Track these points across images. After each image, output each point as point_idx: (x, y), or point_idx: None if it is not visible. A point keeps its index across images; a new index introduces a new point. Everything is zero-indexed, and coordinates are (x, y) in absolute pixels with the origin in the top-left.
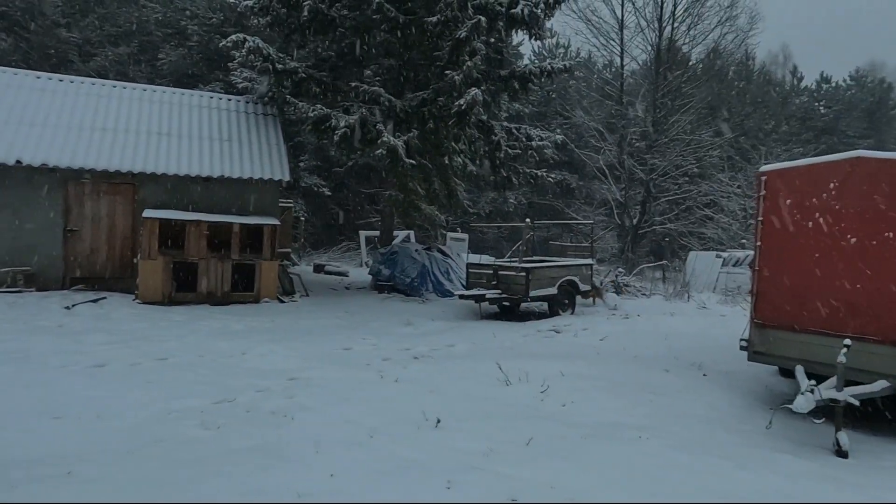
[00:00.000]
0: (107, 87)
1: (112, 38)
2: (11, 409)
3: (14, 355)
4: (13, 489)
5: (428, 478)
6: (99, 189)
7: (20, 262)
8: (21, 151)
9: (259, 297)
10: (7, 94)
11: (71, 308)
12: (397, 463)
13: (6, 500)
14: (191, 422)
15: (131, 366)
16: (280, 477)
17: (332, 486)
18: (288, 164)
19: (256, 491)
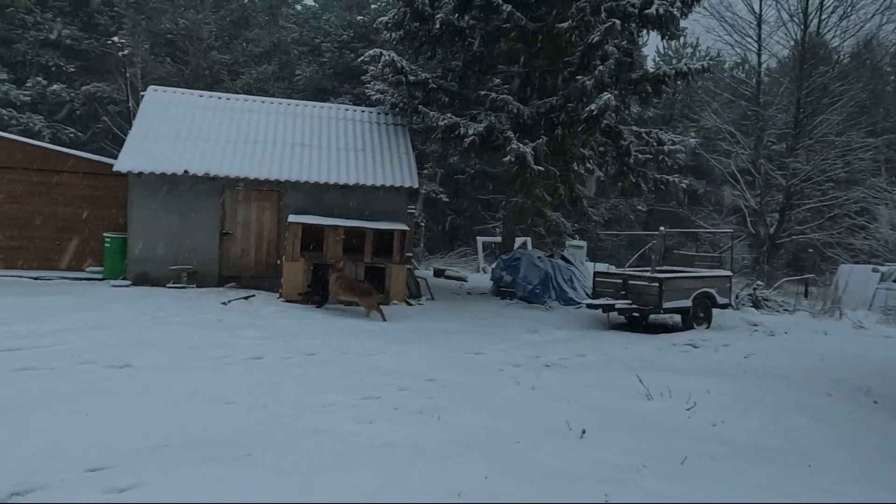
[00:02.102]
0: (256, 103)
1: (256, 57)
2: (186, 394)
3: (183, 346)
4: (205, 464)
5: (583, 489)
6: (250, 196)
7: (185, 261)
8: (188, 163)
9: (388, 299)
10: (174, 111)
11: (227, 304)
12: (547, 471)
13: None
14: (344, 415)
15: (284, 359)
16: (433, 474)
17: (488, 488)
18: (416, 172)
19: (408, 487)
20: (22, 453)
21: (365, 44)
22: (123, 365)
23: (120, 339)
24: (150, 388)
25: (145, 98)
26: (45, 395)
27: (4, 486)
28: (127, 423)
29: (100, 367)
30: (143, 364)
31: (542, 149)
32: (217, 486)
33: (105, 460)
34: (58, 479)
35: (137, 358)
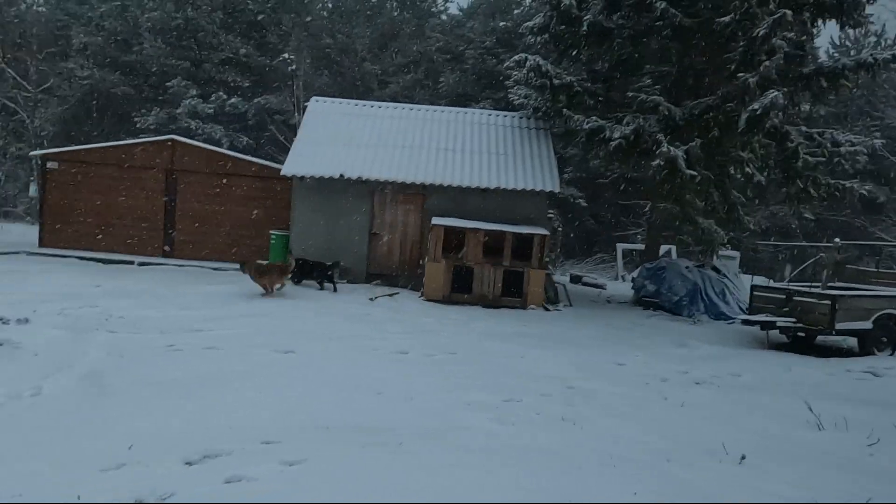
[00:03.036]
0: (404, 110)
1: (403, 67)
2: (342, 380)
3: (337, 336)
4: (362, 448)
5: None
6: (396, 199)
7: (337, 258)
8: (343, 167)
9: (526, 304)
10: (332, 119)
11: (373, 300)
12: (703, 494)
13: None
14: (486, 415)
15: (427, 356)
16: (577, 484)
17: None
18: (557, 176)
19: (552, 494)
20: (208, 422)
21: (507, 49)
22: (287, 351)
23: (283, 327)
24: (310, 373)
25: (308, 108)
26: (225, 373)
27: (197, 449)
28: (292, 402)
29: (268, 351)
30: (304, 351)
31: (696, 152)
32: (374, 469)
33: (276, 435)
34: (239, 447)
35: (299, 345)
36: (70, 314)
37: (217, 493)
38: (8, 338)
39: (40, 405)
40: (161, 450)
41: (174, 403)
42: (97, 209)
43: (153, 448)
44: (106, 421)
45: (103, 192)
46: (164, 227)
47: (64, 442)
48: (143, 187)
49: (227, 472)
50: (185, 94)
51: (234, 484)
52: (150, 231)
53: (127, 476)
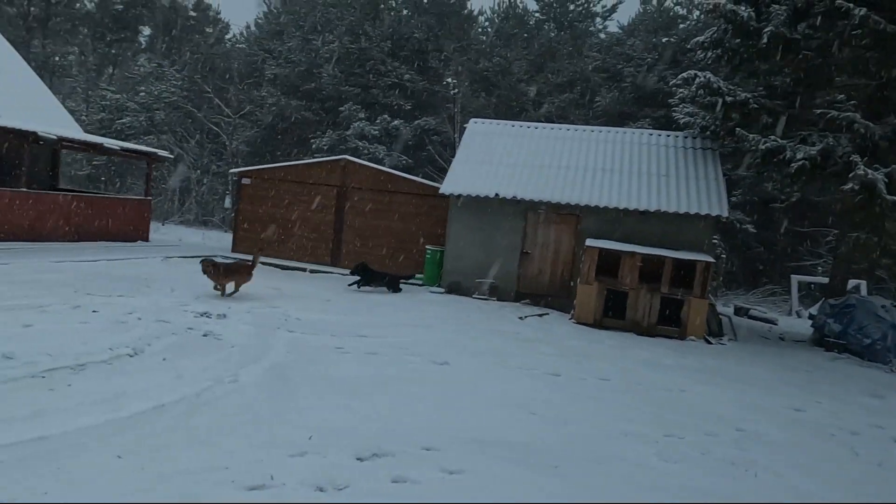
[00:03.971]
0: (561, 130)
1: (559, 87)
2: (495, 396)
3: (489, 352)
4: (517, 466)
5: None
6: (550, 219)
7: (487, 275)
8: (498, 186)
9: (685, 334)
10: (489, 140)
11: (523, 319)
12: None
13: (512, 474)
14: (646, 448)
15: (579, 379)
16: None
17: None
18: (727, 200)
19: None
20: (374, 423)
21: (669, 66)
22: (443, 362)
23: (438, 338)
24: (465, 387)
25: (468, 129)
26: (386, 378)
27: (366, 447)
28: (448, 412)
29: (424, 361)
30: (458, 364)
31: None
32: (533, 489)
33: (434, 442)
34: (401, 449)
35: (452, 357)
36: (257, 313)
37: (386, 490)
38: (211, 330)
39: (237, 391)
40: (335, 443)
41: (345, 402)
42: (278, 220)
43: (329, 440)
44: (289, 410)
45: (284, 206)
46: (333, 239)
47: (257, 425)
48: (316, 202)
49: (394, 472)
50: (354, 117)
51: (400, 484)
52: (320, 241)
53: (309, 464)
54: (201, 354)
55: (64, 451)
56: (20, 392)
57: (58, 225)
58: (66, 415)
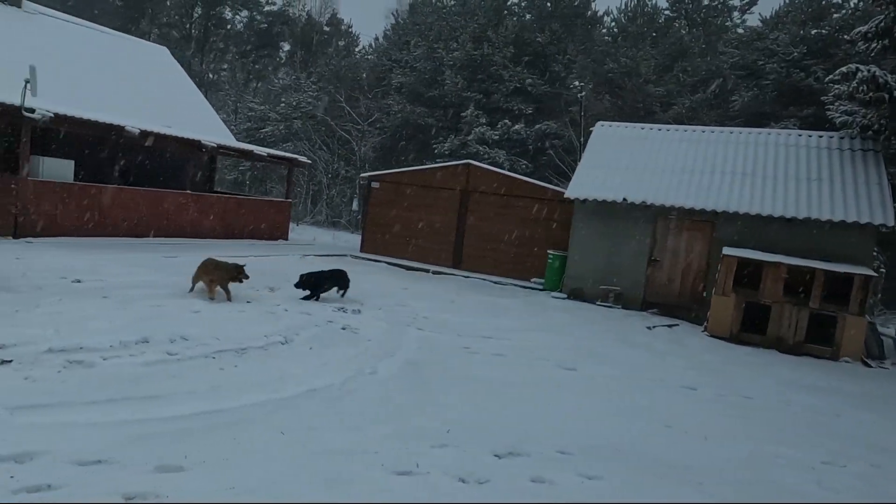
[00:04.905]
0: (696, 133)
1: (690, 86)
2: (626, 407)
3: (615, 360)
4: (658, 479)
5: None
6: (681, 225)
7: (612, 282)
8: (626, 191)
9: (838, 355)
10: (616, 143)
11: (651, 329)
12: None
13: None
14: (802, 475)
15: (718, 396)
16: None
17: None
18: (892, 207)
19: None
20: (507, 422)
21: (820, 59)
22: (570, 368)
23: (562, 343)
24: (595, 394)
25: (594, 132)
26: (515, 380)
27: (503, 444)
28: (580, 418)
29: (552, 366)
30: (586, 371)
31: None
32: None
33: (569, 447)
34: (536, 451)
35: (580, 364)
36: (387, 310)
37: (525, 488)
38: (349, 324)
39: (377, 382)
40: (472, 439)
41: (476, 400)
42: (404, 223)
43: (465, 436)
44: (426, 404)
45: (409, 209)
46: (455, 242)
47: (398, 415)
48: (440, 205)
49: (531, 471)
50: (476, 122)
51: (539, 484)
52: (443, 244)
53: (449, 456)
54: (342, 346)
55: (236, 424)
56: (198, 370)
57: (214, 223)
58: (235, 392)
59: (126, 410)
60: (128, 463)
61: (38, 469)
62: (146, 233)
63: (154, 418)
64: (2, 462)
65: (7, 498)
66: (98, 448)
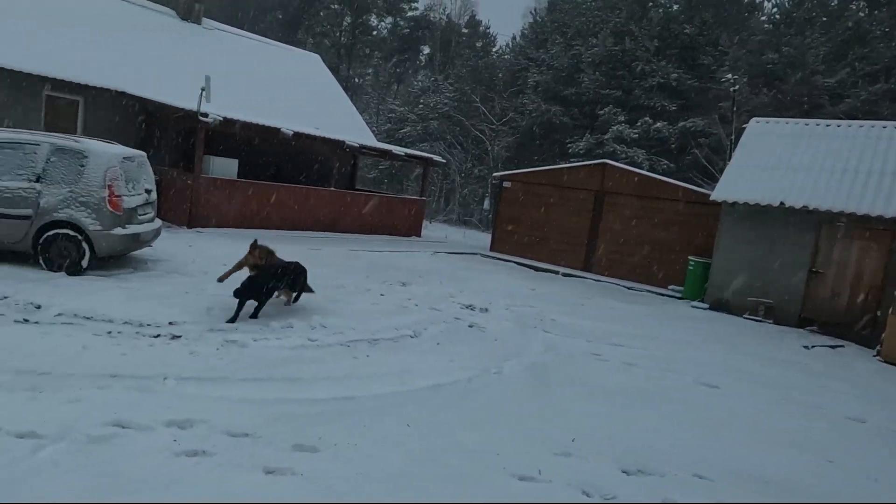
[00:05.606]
0: (871, 129)
1: (868, 76)
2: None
3: (765, 380)
4: None
5: None
6: (850, 234)
7: (762, 293)
8: (783, 194)
9: None
10: (773, 141)
11: (809, 349)
12: None
13: None
14: None
15: (894, 433)
16: None
17: None
18: None
19: None
20: (633, 438)
21: None
22: (711, 384)
23: (703, 357)
24: (738, 415)
25: (747, 129)
26: (646, 393)
27: (631, 461)
28: (719, 440)
29: (689, 381)
30: (730, 389)
31: None
32: None
33: (705, 471)
34: (668, 471)
35: (723, 381)
36: (514, 311)
37: None
38: (475, 322)
39: (502, 382)
40: (597, 450)
41: (603, 410)
42: (534, 223)
43: (590, 446)
44: (550, 409)
45: (541, 209)
46: (587, 244)
47: (521, 418)
48: (572, 206)
49: (662, 493)
50: (613, 120)
51: None
52: (574, 246)
53: (573, 466)
54: (468, 343)
55: (366, 412)
56: (334, 357)
57: (353, 219)
58: (366, 380)
59: (270, 390)
60: (270, 439)
61: (197, 436)
62: (295, 226)
63: (293, 399)
64: (168, 426)
65: (168, 460)
66: (246, 422)
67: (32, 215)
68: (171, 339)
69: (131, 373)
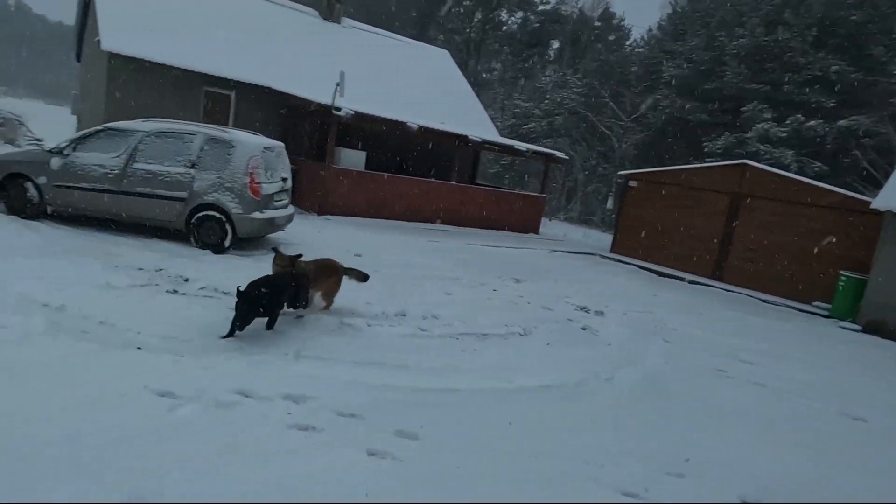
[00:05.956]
0: None
1: None
2: None
3: None
4: None
5: None
6: None
7: None
8: None
9: None
10: None
11: None
12: None
13: None
14: None
15: None
16: None
17: None
18: None
19: None
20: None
21: None
22: (858, 418)
23: (850, 385)
24: (889, 455)
25: None
26: (775, 418)
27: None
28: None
29: (831, 411)
30: (880, 424)
31: None
32: None
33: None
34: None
35: (872, 414)
36: (632, 316)
37: None
38: (589, 324)
39: (612, 390)
40: (715, 475)
41: (724, 433)
42: (660, 225)
43: (706, 470)
44: (661, 424)
45: (668, 211)
46: (718, 250)
47: (632, 431)
48: (704, 209)
49: None
50: (758, 117)
51: None
52: (703, 252)
53: (686, 489)
54: (579, 346)
55: (469, 406)
56: (443, 348)
57: (473, 213)
58: (472, 374)
59: (379, 374)
60: (374, 422)
61: (308, 411)
62: (416, 217)
63: (399, 386)
64: (284, 399)
65: (281, 431)
66: (353, 403)
67: (187, 197)
68: (293, 319)
69: (258, 345)
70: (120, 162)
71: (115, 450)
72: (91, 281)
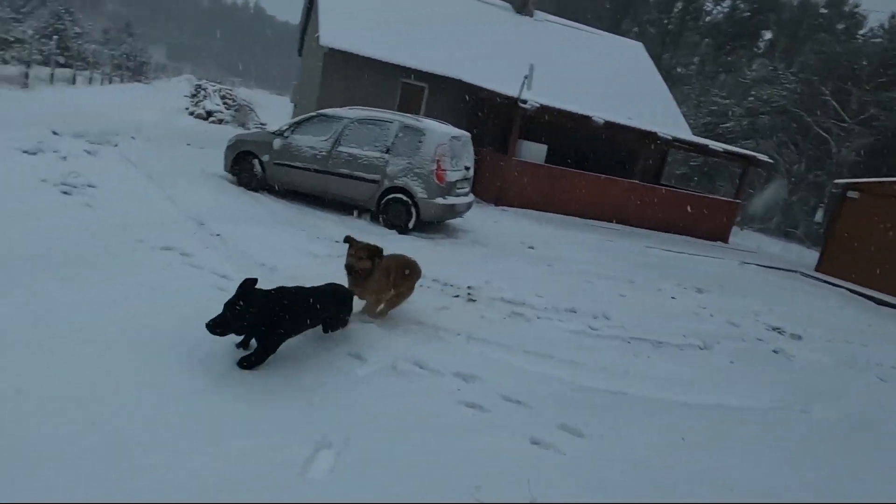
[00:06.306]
0: None
1: None
2: None
3: None
4: None
5: None
6: None
7: None
8: None
9: None
10: None
11: None
12: None
13: None
14: None
15: None
16: None
17: None
18: None
19: None
20: None
21: None
22: None
23: None
24: None
25: None
26: None
27: None
28: None
29: None
30: None
31: None
32: None
33: None
34: None
35: None
36: (837, 345)
37: None
38: (782, 348)
39: (807, 424)
40: None
41: None
42: (886, 245)
43: None
44: (873, 471)
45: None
46: None
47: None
48: None
49: None
50: None
51: None
52: None
53: None
54: (768, 370)
55: (637, 412)
56: (613, 350)
57: (653, 215)
58: (642, 381)
59: (545, 366)
60: (539, 412)
61: (475, 390)
62: (592, 215)
63: (566, 381)
64: (455, 376)
65: (452, 405)
66: (519, 390)
67: (380, 180)
68: (467, 302)
69: (433, 323)
70: (327, 145)
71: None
72: (298, 248)
